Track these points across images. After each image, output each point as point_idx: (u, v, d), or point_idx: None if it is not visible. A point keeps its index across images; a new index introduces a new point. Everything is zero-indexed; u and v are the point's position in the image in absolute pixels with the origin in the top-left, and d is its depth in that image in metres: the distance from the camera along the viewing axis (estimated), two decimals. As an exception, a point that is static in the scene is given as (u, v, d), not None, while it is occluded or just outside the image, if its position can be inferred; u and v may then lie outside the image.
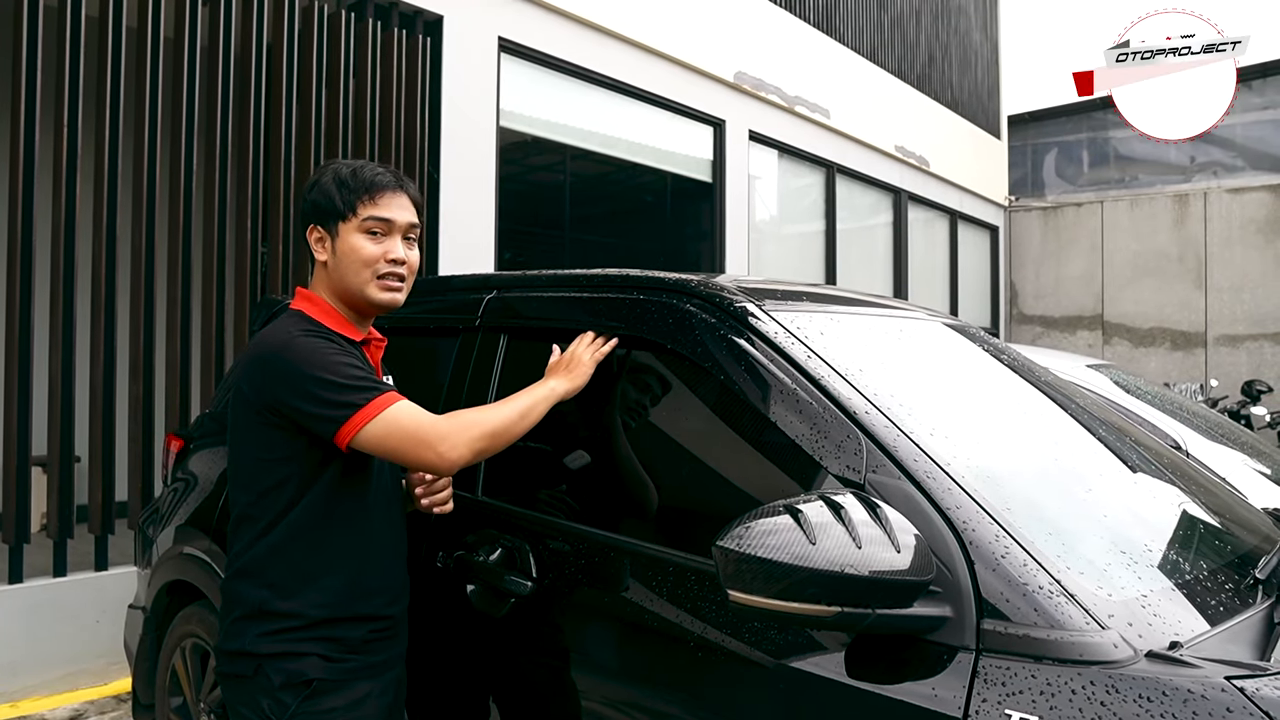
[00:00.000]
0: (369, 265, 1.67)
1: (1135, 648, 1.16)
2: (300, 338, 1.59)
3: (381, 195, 1.69)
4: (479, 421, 1.61)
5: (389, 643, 1.71)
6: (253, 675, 1.59)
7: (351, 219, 1.68)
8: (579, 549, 1.75)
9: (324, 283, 1.73)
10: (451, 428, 1.57)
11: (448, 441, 1.55)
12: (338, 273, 1.69)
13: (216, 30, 4.41)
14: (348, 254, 1.68)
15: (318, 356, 1.56)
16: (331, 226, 1.69)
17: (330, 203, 1.69)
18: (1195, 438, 3.58)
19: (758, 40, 8.00)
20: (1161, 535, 1.56)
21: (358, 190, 1.68)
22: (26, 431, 3.79)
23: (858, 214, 9.82)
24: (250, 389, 1.61)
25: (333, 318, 1.70)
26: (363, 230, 1.68)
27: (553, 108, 6.29)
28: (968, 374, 2.04)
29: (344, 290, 1.70)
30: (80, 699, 3.69)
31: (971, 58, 12.48)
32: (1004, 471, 1.54)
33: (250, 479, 1.65)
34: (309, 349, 1.57)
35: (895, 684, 1.25)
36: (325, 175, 1.72)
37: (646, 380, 1.90)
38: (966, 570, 1.26)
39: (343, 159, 2.05)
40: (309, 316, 1.68)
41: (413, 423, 1.55)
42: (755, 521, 1.22)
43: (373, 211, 1.68)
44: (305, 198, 1.73)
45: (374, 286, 1.69)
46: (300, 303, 1.73)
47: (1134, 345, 12.66)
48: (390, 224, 1.69)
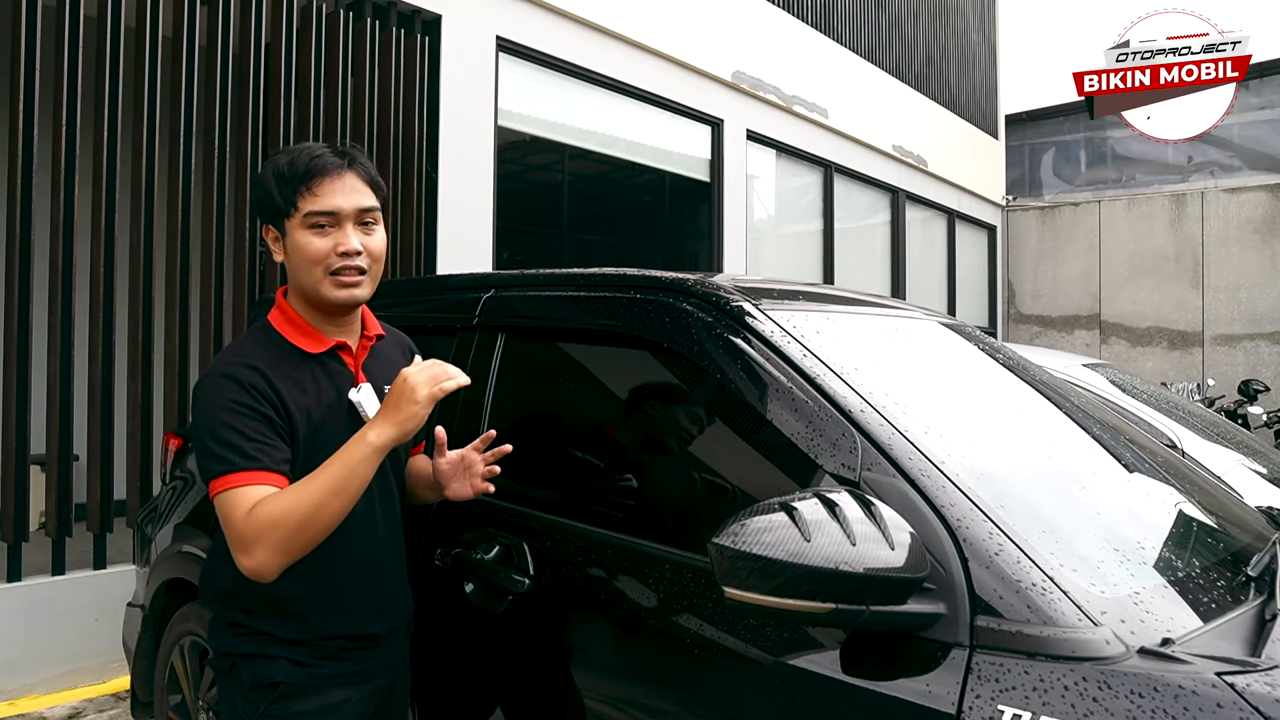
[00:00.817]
0: (318, 262, 1.53)
1: (1128, 644, 1.17)
2: (216, 377, 1.50)
3: (320, 184, 1.53)
4: (280, 520, 1.39)
5: (370, 653, 1.64)
6: (228, 673, 1.58)
7: (294, 215, 1.54)
8: (576, 546, 1.75)
9: (290, 285, 1.62)
10: (247, 531, 1.39)
11: (247, 550, 1.39)
12: (293, 274, 1.58)
13: (215, 30, 4.42)
14: (295, 253, 1.55)
15: (213, 406, 1.46)
16: (280, 225, 1.57)
17: (270, 200, 1.55)
18: (1191, 437, 3.59)
19: (756, 40, 8.01)
20: (1155, 533, 1.57)
21: (294, 182, 1.53)
22: (25, 430, 3.79)
23: (855, 213, 9.84)
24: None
25: (296, 328, 1.59)
26: (307, 226, 1.53)
27: (551, 107, 6.30)
28: (963, 373, 2.05)
29: (302, 292, 1.59)
30: (79, 697, 3.70)
31: (969, 57, 12.50)
32: (998, 470, 1.55)
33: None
34: (211, 394, 1.48)
35: (889, 680, 1.26)
36: (266, 169, 1.59)
37: (643, 379, 1.90)
38: (960, 567, 1.27)
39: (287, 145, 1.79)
40: (273, 330, 1.59)
41: (228, 515, 1.41)
42: (750, 519, 1.22)
43: (313, 205, 1.53)
44: (253, 196, 1.63)
45: (328, 284, 1.54)
46: (274, 312, 1.63)
47: (1131, 345, 12.68)
48: (335, 215, 1.53)
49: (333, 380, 1.59)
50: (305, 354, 1.57)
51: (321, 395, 1.56)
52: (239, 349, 1.56)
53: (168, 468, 3.04)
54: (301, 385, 1.54)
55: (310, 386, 1.56)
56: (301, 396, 1.54)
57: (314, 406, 1.55)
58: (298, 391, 1.53)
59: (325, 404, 1.57)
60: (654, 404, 1.89)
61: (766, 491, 1.46)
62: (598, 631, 1.70)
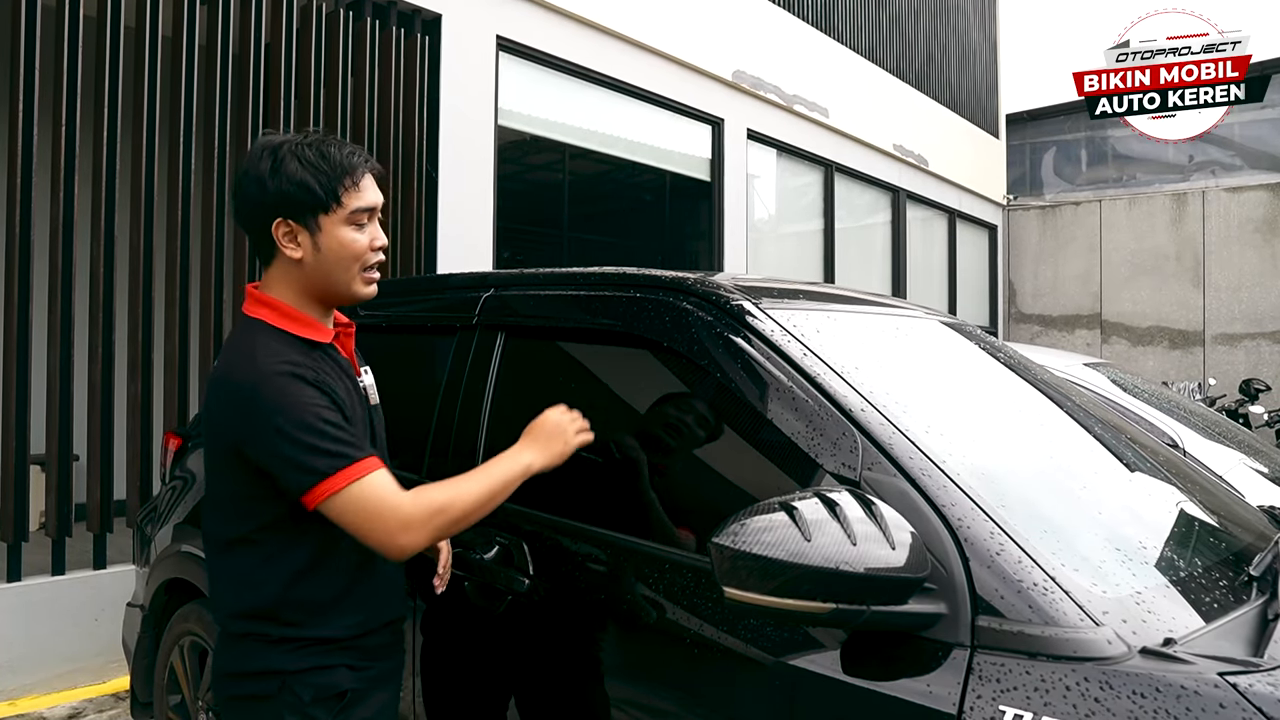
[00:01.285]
0: (359, 259, 1.52)
1: (1129, 644, 1.16)
2: (275, 377, 1.41)
3: (363, 179, 1.52)
4: (445, 507, 1.42)
5: (396, 649, 1.67)
6: (277, 693, 1.46)
7: (336, 210, 1.48)
8: (576, 546, 1.75)
9: (293, 280, 1.52)
10: (415, 513, 1.40)
11: (409, 528, 1.39)
12: (320, 270, 1.51)
13: (215, 29, 4.41)
14: (336, 250, 1.49)
15: (292, 408, 1.39)
16: (309, 220, 1.48)
17: (307, 194, 1.47)
18: (1192, 436, 3.58)
19: (756, 39, 8.01)
20: (1156, 532, 1.56)
21: (337, 176, 1.48)
22: (25, 430, 3.79)
23: (856, 213, 9.83)
24: (220, 422, 1.47)
25: (299, 322, 1.52)
26: (351, 222, 1.50)
27: (551, 106, 6.29)
28: (964, 372, 2.04)
29: (324, 287, 1.53)
30: (79, 697, 3.69)
31: (970, 56, 12.49)
32: (999, 469, 1.55)
33: (235, 515, 1.51)
34: (281, 395, 1.40)
35: (890, 680, 1.26)
36: (286, 162, 1.48)
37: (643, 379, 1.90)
38: (961, 567, 1.26)
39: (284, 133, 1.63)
40: (273, 328, 1.50)
41: (376, 500, 1.39)
42: (751, 518, 1.22)
43: (359, 201, 1.50)
44: (263, 188, 1.48)
45: (360, 281, 1.54)
46: (259, 309, 1.53)
47: (1132, 344, 12.67)
48: (374, 210, 1.53)
49: (340, 367, 1.57)
50: (315, 345, 1.52)
51: (342, 384, 1.53)
52: (262, 343, 1.47)
53: (167, 468, 3.04)
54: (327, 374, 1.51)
55: (332, 375, 1.52)
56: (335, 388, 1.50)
57: (343, 395, 1.51)
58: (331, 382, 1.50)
59: (347, 390, 1.54)
60: (654, 403, 1.88)
61: (767, 491, 1.45)
62: (597, 631, 1.69)
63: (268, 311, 1.52)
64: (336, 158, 1.49)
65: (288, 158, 1.47)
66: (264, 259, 1.54)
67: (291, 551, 1.49)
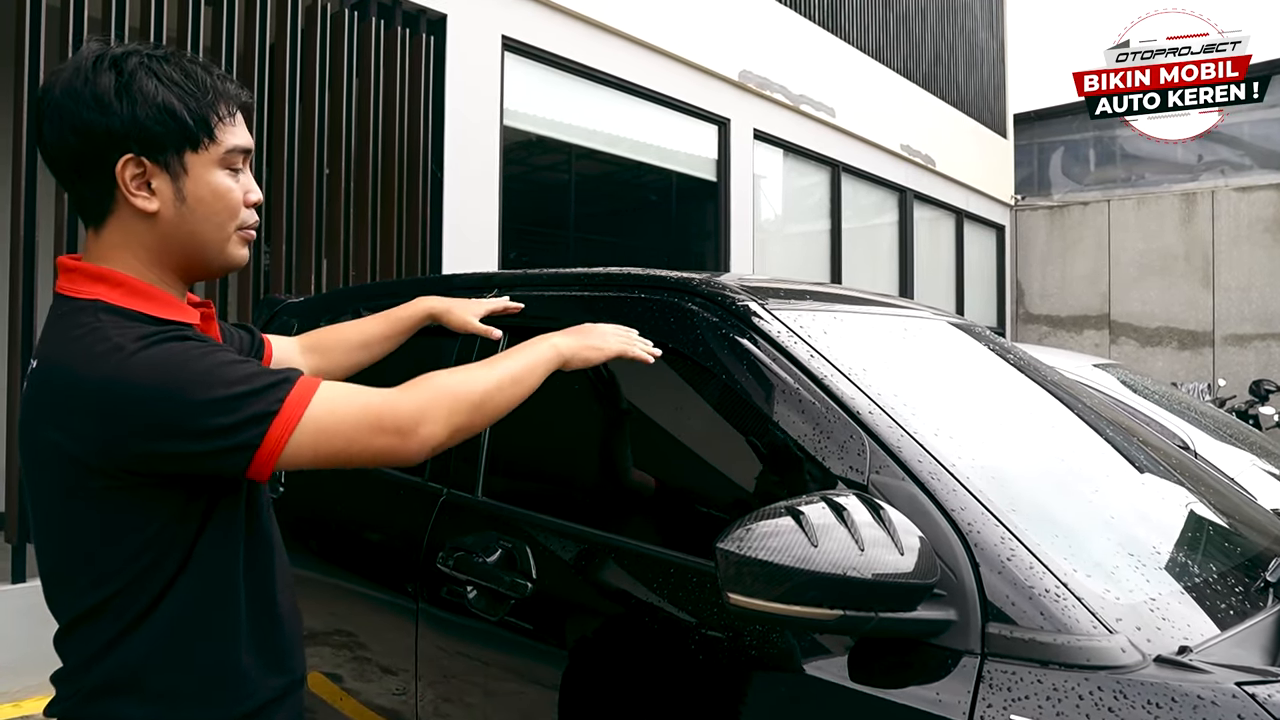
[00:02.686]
0: (235, 214, 1.16)
1: (1144, 652, 1.14)
2: (140, 352, 1.03)
3: (238, 113, 1.17)
4: (456, 390, 1.18)
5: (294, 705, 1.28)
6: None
7: (208, 148, 1.13)
8: (579, 550, 1.73)
9: (143, 243, 1.12)
10: (421, 400, 1.15)
11: (424, 419, 1.14)
12: (185, 228, 1.13)
13: (219, 30, 4.41)
14: (206, 200, 1.13)
15: (188, 368, 1.03)
16: (171, 159, 1.11)
17: (172, 120, 1.09)
18: (1203, 438, 3.55)
19: (763, 39, 7.98)
20: (1170, 537, 1.54)
21: (210, 103, 1.13)
22: (29, 431, 3.78)
23: (863, 213, 9.80)
24: (76, 443, 1.03)
25: (152, 299, 1.12)
26: (225, 165, 1.15)
27: (557, 106, 6.28)
28: (973, 374, 2.02)
29: (190, 251, 1.15)
30: (83, 699, 3.69)
31: (977, 56, 12.45)
32: (1010, 472, 1.52)
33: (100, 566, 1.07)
34: (168, 362, 1.03)
35: (899, 688, 1.23)
36: (138, 76, 1.08)
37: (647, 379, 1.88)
38: (971, 573, 1.24)
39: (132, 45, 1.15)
40: (116, 307, 1.09)
41: (361, 403, 1.11)
42: (756, 523, 1.20)
43: (236, 139, 1.15)
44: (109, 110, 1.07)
45: (236, 242, 1.18)
46: (89, 286, 1.10)
47: (1141, 345, 12.61)
48: (248, 155, 1.19)
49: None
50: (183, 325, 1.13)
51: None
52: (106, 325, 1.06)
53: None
54: None
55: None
56: None
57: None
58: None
59: None
60: (658, 405, 1.86)
61: (773, 495, 1.43)
62: (600, 636, 1.67)
63: (104, 288, 1.10)
64: (204, 79, 1.13)
65: (140, 73, 1.09)
66: (93, 216, 1.13)
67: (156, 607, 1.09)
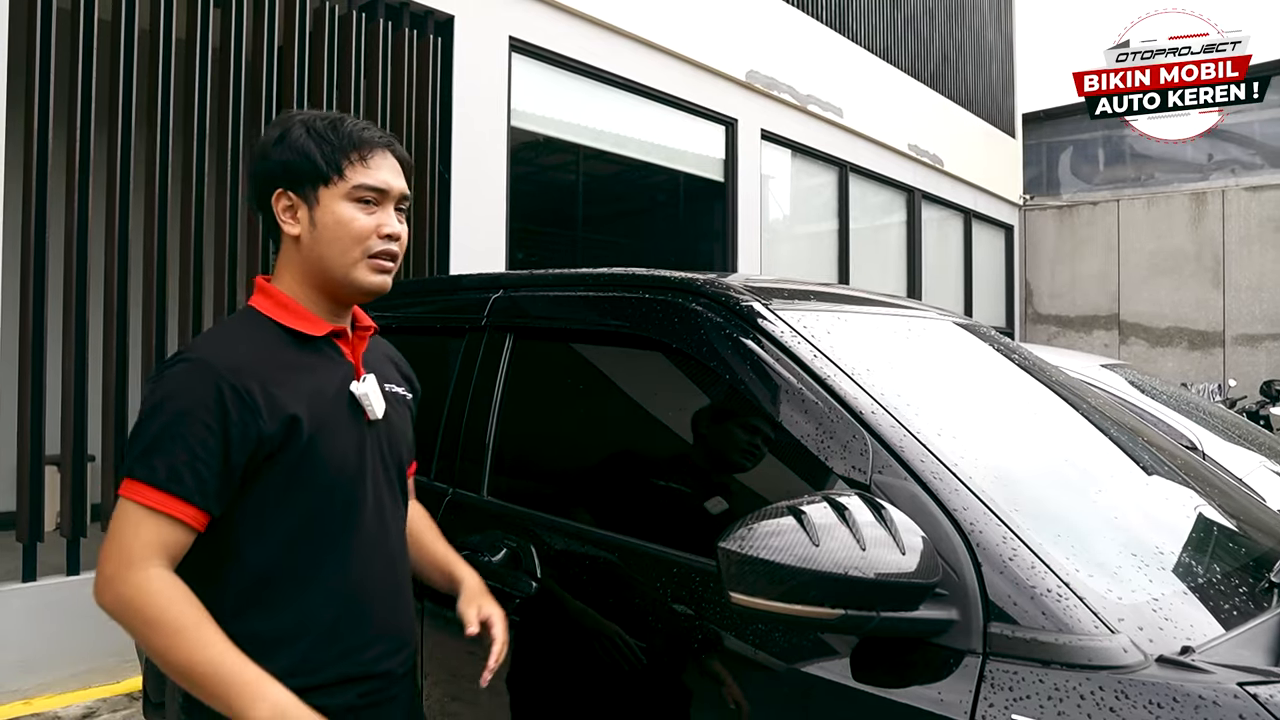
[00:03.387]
0: (360, 242, 1.36)
1: (1146, 652, 1.14)
2: (189, 366, 1.27)
3: (373, 156, 1.38)
4: (142, 607, 1.21)
5: (383, 708, 1.40)
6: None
7: (337, 183, 1.35)
8: (583, 549, 1.74)
9: (293, 263, 1.39)
10: (130, 577, 1.21)
11: (108, 583, 1.22)
12: (315, 250, 1.36)
13: (228, 32, 4.43)
14: (333, 227, 1.35)
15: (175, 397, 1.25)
16: (308, 192, 1.36)
17: (308, 162, 1.35)
18: (1212, 439, 3.54)
19: (770, 39, 7.98)
20: (1174, 537, 1.53)
21: (343, 148, 1.36)
22: (40, 431, 3.81)
23: (871, 213, 9.79)
24: None
25: (292, 312, 1.38)
26: (352, 199, 1.36)
27: (564, 107, 6.29)
28: (978, 374, 2.02)
29: (322, 272, 1.37)
30: (93, 696, 3.71)
31: (986, 56, 12.42)
32: (1013, 472, 1.52)
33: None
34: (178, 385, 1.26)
35: (900, 687, 1.23)
36: (293, 129, 1.38)
37: (652, 380, 1.88)
38: (973, 572, 1.24)
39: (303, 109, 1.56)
40: (259, 313, 1.38)
41: (124, 535, 1.22)
42: (758, 523, 1.20)
43: (364, 178, 1.36)
44: (268, 157, 1.38)
45: (364, 268, 1.37)
46: (257, 297, 1.41)
47: (1151, 345, 12.56)
48: (384, 193, 1.39)
49: (332, 369, 1.39)
50: (301, 339, 1.37)
51: (322, 386, 1.36)
52: (223, 337, 1.34)
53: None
54: (297, 378, 1.34)
55: (308, 377, 1.35)
56: (296, 392, 1.32)
57: (314, 399, 1.34)
58: (291, 387, 1.32)
59: (328, 396, 1.36)
60: (663, 405, 1.87)
61: (777, 495, 1.43)
62: (604, 635, 1.68)
63: (263, 299, 1.40)
64: (347, 130, 1.38)
65: (296, 127, 1.38)
66: (274, 242, 1.44)
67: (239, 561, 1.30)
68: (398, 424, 1.49)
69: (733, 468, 1.70)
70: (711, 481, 1.74)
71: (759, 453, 1.62)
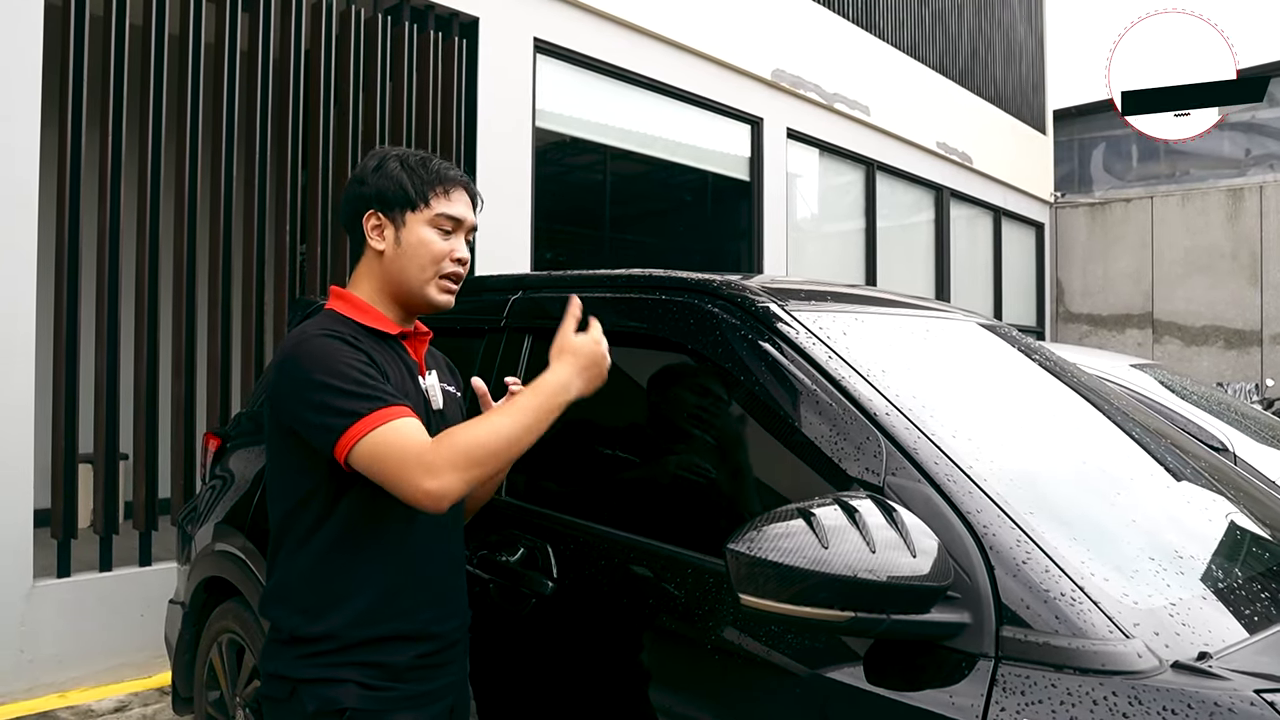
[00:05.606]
0: (435, 262, 1.57)
1: (1161, 658, 1.13)
2: (314, 338, 1.46)
3: (454, 190, 1.60)
4: (470, 445, 1.37)
5: (440, 670, 1.57)
6: (287, 699, 1.48)
7: (423, 210, 1.57)
8: (599, 549, 1.74)
9: (374, 275, 1.60)
10: (438, 457, 1.35)
11: (432, 472, 1.34)
12: (397, 264, 1.57)
13: (256, 36, 4.48)
14: (415, 246, 1.56)
15: (326, 359, 1.42)
16: (397, 215, 1.57)
17: (400, 190, 1.57)
18: (1244, 440, 3.48)
19: (796, 37, 7.94)
20: (1193, 541, 1.51)
21: (431, 181, 1.58)
22: (74, 430, 3.88)
23: (899, 212, 9.70)
24: (273, 396, 1.50)
25: (369, 313, 1.58)
26: (433, 225, 1.57)
27: (589, 108, 6.30)
28: (996, 374, 2.00)
29: (400, 284, 1.58)
30: (125, 690, 3.78)
31: (1016, 51, 12.27)
32: (1029, 474, 1.51)
33: (280, 493, 1.55)
34: (319, 350, 1.44)
35: (912, 690, 1.23)
36: (389, 162, 1.60)
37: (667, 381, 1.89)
38: (986, 575, 1.23)
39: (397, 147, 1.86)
40: (340, 314, 1.57)
41: (400, 445, 1.36)
42: (768, 525, 1.20)
43: (446, 208, 1.58)
44: (365, 183, 1.59)
45: (434, 286, 1.58)
46: (333, 301, 1.61)
47: (1185, 344, 12.35)
48: (460, 223, 1.60)
49: (404, 363, 1.59)
50: (378, 336, 1.56)
51: (400, 374, 1.55)
52: (319, 321, 1.53)
53: (207, 467, 3.09)
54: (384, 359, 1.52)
55: (391, 364, 1.54)
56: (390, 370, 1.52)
57: (399, 382, 1.53)
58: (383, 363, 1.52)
59: (401, 377, 1.55)
60: (679, 407, 1.87)
61: (791, 496, 1.43)
62: (619, 634, 1.68)
63: (340, 303, 1.60)
64: (434, 167, 1.60)
65: (391, 160, 1.60)
66: (355, 255, 1.64)
67: (322, 529, 1.49)
68: (451, 417, 1.66)
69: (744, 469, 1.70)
70: (726, 482, 1.74)
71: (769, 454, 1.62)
